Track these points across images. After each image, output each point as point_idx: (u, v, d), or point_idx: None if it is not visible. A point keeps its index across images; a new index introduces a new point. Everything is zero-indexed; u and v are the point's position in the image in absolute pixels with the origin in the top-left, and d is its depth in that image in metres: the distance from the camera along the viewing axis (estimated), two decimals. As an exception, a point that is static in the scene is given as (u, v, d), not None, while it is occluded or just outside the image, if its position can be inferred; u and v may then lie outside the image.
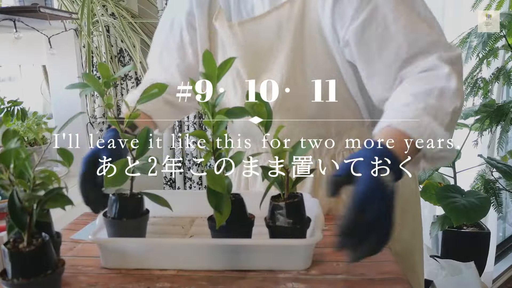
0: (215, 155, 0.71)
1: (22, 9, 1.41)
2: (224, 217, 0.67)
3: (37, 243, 0.58)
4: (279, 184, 0.73)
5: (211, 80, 0.68)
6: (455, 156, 0.76)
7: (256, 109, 0.69)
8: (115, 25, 2.28)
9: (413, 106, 0.73)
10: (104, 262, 0.73)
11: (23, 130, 1.57)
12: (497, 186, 2.09)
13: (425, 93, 0.74)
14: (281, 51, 0.88)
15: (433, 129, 0.70)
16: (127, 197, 0.75)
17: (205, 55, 0.68)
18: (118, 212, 0.74)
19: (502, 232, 2.83)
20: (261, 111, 0.69)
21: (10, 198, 0.57)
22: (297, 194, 0.73)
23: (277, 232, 0.71)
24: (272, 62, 0.90)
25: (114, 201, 0.74)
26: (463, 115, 2.02)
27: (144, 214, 0.77)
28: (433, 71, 0.77)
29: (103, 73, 0.70)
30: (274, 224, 0.71)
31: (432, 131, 0.70)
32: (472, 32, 1.97)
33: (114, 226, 0.74)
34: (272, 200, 0.73)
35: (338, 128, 0.93)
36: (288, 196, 0.72)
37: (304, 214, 0.73)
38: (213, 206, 0.67)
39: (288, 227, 0.70)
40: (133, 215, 0.75)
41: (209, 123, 0.69)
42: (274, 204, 0.72)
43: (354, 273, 0.69)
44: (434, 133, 0.70)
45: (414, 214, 1.00)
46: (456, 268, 1.96)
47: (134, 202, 0.75)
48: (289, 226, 0.70)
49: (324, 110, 0.90)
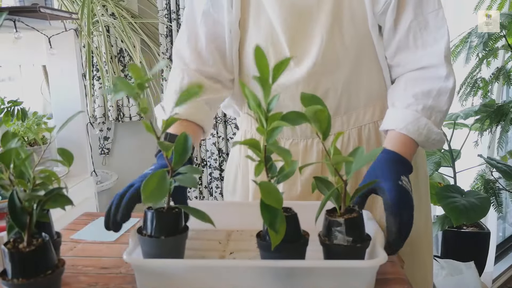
0: (267, 165, 0.64)
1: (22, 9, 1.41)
2: (280, 236, 0.59)
3: (37, 243, 0.58)
4: (334, 197, 0.65)
5: (264, 81, 0.60)
6: (443, 143, 0.89)
7: (318, 116, 0.61)
8: (115, 25, 2.28)
9: (413, 107, 0.85)
10: (139, 285, 0.65)
11: (23, 130, 1.57)
12: (497, 186, 2.09)
13: (424, 94, 0.86)
14: (322, 11, 0.88)
15: (429, 128, 0.84)
16: (165, 212, 0.67)
17: (257, 51, 0.59)
18: (156, 229, 0.65)
19: (502, 232, 2.82)
20: (322, 118, 0.61)
21: (10, 198, 0.57)
22: (353, 208, 0.66)
23: (334, 251, 0.63)
24: (312, 25, 0.89)
25: (152, 217, 0.66)
26: (463, 115, 2.02)
27: (184, 230, 0.68)
28: (434, 69, 0.86)
29: (135, 74, 0.63)
30: (331, 242, 0.63)
31: (429, 130, 0.84)
32: (472, 32, 1.97)
33: (152, 245, 0.66)
34: (328, 215, 0.65)
35: (367, 99, 0.95)
36: (344, 210, 0.65)
37: (364, 231, 0.66)
38: (267, 224, 0.59)
39: (348, 246, 0.62)
40: (172, 232, 0.66)
41: (263, 130, 0.61)
42: (331, 220, 0.64)
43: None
44: (430, 131, 0.84)
45: (426, 213, 1.01)
46: (456, 268, 1.96)
47: (173, 217, 0.67)
48: (348, 245, 0.63)
49: (356, 77, 0.92)
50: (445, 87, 0.85)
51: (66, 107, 1.74)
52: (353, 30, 0.89)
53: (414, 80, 0.88)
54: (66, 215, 0.93)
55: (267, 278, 0.63)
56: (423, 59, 0.87)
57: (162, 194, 0.61)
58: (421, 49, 0.87)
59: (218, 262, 0.66)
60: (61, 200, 0.61)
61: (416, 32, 0.87)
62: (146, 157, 2.71)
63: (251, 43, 0.94)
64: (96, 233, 0.89)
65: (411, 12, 0.86)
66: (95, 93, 2.47)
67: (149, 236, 0.65)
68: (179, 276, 0.64)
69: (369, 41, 0.90)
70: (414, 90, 0.86)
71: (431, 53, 0.86)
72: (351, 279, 0.62)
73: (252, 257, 0.74)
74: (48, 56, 1.68)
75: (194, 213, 0.66)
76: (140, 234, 0.67)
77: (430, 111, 0.85)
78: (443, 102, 0.85)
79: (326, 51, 0.88)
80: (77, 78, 1.73)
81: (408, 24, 0.86)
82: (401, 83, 0.90)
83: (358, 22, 0.88)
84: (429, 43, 0.87)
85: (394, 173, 0.73)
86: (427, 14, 0.86)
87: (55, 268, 0.59)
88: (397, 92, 0.90)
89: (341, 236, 0.63)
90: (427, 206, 1.02)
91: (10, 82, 2.16)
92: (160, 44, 2.43)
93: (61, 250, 0.72)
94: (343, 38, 0.89)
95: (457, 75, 0.90)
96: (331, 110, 0.94)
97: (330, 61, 0.89)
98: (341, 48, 0.89)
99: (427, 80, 0.86)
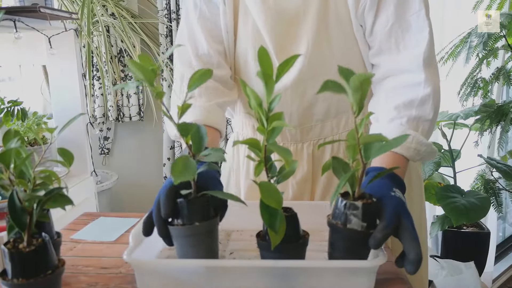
0: (267, 165, 0.63)
1: (22, 9, 1.41)
2: (280, 236, 0.59)
3: (37, 243, 0.58)
4: (350, 181, 0.63)
5: (268, 80, 0.59)
6: (435, 154, 0.84)
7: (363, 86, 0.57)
8: (115, 25, 2.28)
9: (397, 121, 0.81)
10: (139, 285, 0.65)
11: (23, 130, 1.57)
12: (497, 186, 2.09)
13: (406, 105, 0.82)
14: (308, 15, 0.87)
15: (418, 140, 0.80)
16: (194, 199, 0.65)
17: (260, 52, 0.59)
18: (188, 216, 0.64)
19: (502, 232, 2.83)
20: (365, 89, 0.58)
21: (10, 198, 0.57)
22: (365, 194, 0.64)
23: (347, 235, 0.61)
24: (299, 31, 0.88)
25: (182, 205, 0.65)
26: (463, 115, 2.02)
27: (215, 215, 0.67)
28: (412, 75, 0.83)
29: (145, 63, 0.61)
30: (345, 225, 0.61)
31: (417, 143, 0.80)
32: (472, 32, 1.97)
33: (187, 233, 0.64)
34: (343, 198, 0.63)
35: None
36: (358, 196, 0.63)
37: (376, 221, 0.63)
38: (267, 224, 0.59)
39: (361, 232, 0.61)
40: (207, 216, 0.65)
41: (263, 130, 0.60)
42: (348, 202, 0.61)
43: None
44: (419, 144, 0.80)
45: (419, 213, 1.01)
46: (456, 268, 1.96)
47: (204, 202, 0.66)
48: (362, 230, 0.61)
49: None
50: (425, 95, 0.81)
51: (66, 107, 1.74)
52: (339, 34, 0.88)
53: (393, 90, 0.85)
54: (66, 215, 0.93)
55: (267, 278, 0.62)
56: (401, 63, 0.85)
57: (191, 171, 0.60)
58: (402, 51, 0.85)
59: (218, 262, 0.66)
60: (61, 200, 0.61)
61: (398, 35, 0.84)
62: (146, 157, 2.72)
63: (241, 47, 0.94)
64: (96, 233, 0.89)
65: (392, 14, 0.84)
66: (95, 93, 2.47)
67: (181, 225, 0.64)
68: (179, 276, 0.63)
69: (355, 44, 0.89)
70: (395, 102, 0.83)
71: (409, 57, 0.84)
72: (351, 279, 0.62)
73: (252, 257, 0.74)
74: (48, 56, 1.68)
75: (223, 195, 0.65)
76: (172, 225, 0.65)
77: (416, 122, 0.81)
78: (427, 110, 0.81)
79: (312, 55, 0.88)
80: (77, 78, 1.73)
81: (389, 26, 0.84)
82: (381, 95, 0.87)
83: (344, 26, 0.88)
84: (410, 46, 0.84)
85: (385, 188, 0.67)
86: (410, 16, 0.84)
87: (55, 268, 0.59)
88: (378, 105, 0.87)
89: (356, 220, 0.61)
90: (420, 207, 1.02)
91: (10, 82, 2.16)
92: (160, 44, 2.44)
93: (61, 250, 0.72)
94: (329, 42, 0.88)
95: (457, 75, 0.89)
96: (320, 114, 0.94)
97: (317, 65, 0.89)
98: (328, 52, 0.89)
99: (406, 88, 0.83)
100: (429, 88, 0.82)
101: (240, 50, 0.95)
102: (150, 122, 2.58)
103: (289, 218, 0.62)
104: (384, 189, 0.66)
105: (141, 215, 0.92)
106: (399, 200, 0.65)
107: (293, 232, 0.63)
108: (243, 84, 0.61)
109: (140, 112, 2.57)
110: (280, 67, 0.59)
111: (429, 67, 0.83)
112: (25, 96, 1.78)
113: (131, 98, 2.53)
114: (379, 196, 0.64)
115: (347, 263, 0.62)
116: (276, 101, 0.60)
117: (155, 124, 2.57)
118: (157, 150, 2.65)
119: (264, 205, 0.58)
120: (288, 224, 0.60)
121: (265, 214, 0.59)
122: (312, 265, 0.63)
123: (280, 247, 0.60)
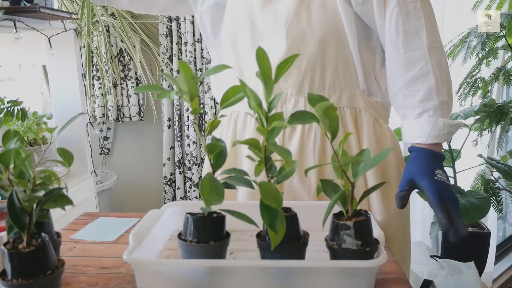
0: (267, 165, 0.63)
1: (22, 9, 1.41)
2: (280, 236, 0.59)
3: (37, 244, 0.58)
4: (341, 201, 0.64)
5: (267, 80, 0.59)
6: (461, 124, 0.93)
7: (328, 114, 0.59)
8: (115, 25, 2.28)
9: (426, 114, 0.89)
10: (139, 285, 0.65)
11: (23, 130, 1.57)
12: (497, 186, 2.08)
13: (427, 97, 0.89)
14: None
15: (447, 124, 0.88)
16: (208, 217, 0.66)
17: (258, 52, 0.59)
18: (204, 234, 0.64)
19: (502, 232, 2.82)
20: (332, 116, 0.59)
21: (10, 198, 0.57)
22: (361, 211, 0.65)
23: (343, 256, 0.63)
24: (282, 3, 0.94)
25: (197, 223, 0.64)
26: (463, 115, 2.02)
27: (228, 235, 0.68)
28: (420, 64, 0.89)
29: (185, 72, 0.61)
30: (340, 246, 0.62)
31: (448, 126, 0.88)
32: (471, 32, 1.97)
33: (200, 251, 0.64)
34: (335, 219, 0.64)
35: (332, 83, 0.95)
36: (352, 214, 0.64)
37: (372, 235, 0.65)
38: (267, 224, 0.59)
39: (357, 250, 0.61)
40: (219, 236, 0.66)
41: (263, 130, 0.60)
42: (339, 223, 0.62)
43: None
44: (450, 127, 0.88)
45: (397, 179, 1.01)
46: (456, 268, 1.95)
47: (220, 221, 0.66)
48: (357, 249, 0.61)
49: (321, 59, 0.93)
50: (438, 80, 0.88)
51: (66, 107, 1.73)
52: (321, 13, 0.92)
53: (409, 84, 0.90)
54: (66, 215, 0.94)
55: (267, 278, 0.62)
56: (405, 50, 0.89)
57: (220, 192, 0.60)
58: (402, 36, 0.89)
59: (218, 262, 0.66)
60: (61, 200, 0.61)
61: (398, 19, 0.89)
62: (146, 157, 2.72)
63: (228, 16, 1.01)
64: (96, 233, 0.89)
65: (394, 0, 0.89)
66: (95, 93, 2.47)
67: (196, 242, 0.64)
68: (179, 276, 0.64)
69: (339, 26, 0.92)
70: (417, 96, 0.89)
71: (413, 47, 0.89)
72: (351, 279, 0.62)
73: (252, 257, 0.74)
74: (48, 56, 1.68)
75: (237, 216, 0.64)
76: (183, 240, 0.65)
77: (440, 108, 0.88)
78: (445, 93, 0.88)
79: (291, 27, 0.92)
80: (77, 78, 1.72)
81: (391, 10, 0.89)
82: (397, 91, 0.92)
83: (328, 7, 0.92)
84: (409, 32, 0.88)
85: (429, 171, 0.81)
86: (408, 3, 0.88)
87: (55, 269, 0.59)
88: (400, 100, 0.92)
89: (350, 239, 0.62)
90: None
91: (10, 82, 2.16)
92: (160, 44, 2.43)
93: (61, 250, 0.72)
94: (310, 18, 0.92)
95: (456, 75, 0.91)
96: (294, 88, 0.95)
97: (295, 38, 0.92)
98: (307, 28, 0.92)
99: (419, 79, 0.89)
100: (436, 73, 0.88)
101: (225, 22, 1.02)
102: (150, 122, 2.58)
103: (289, 218, 0.62)
104: (427, 174, 0.81)
105: (141, 215, 0.92)
106: (442, 184, 0.79)
107: (293, 232, 0.63)
108: (243, 84, 0.61)
109: (140, 112, 2.57)
110: (278, 67, 0.60)
111: (435, 52, 0.88)
112: (25, 96, 1.78)
113: (131, 98, 2.54)
114: (424, 183, 0.80)
115: (347, 263, 0.62)
116: (276, 101, 0.60)
117: (155, 124, 2.57)
118: (157, 150, 2.65)
119: (264, 205, 0.58)
120: (288, 224, 0.60)
121: (265, 214, 0.59)
122: (312, 265, 0.63)
123: (280, 247, 0.60)
